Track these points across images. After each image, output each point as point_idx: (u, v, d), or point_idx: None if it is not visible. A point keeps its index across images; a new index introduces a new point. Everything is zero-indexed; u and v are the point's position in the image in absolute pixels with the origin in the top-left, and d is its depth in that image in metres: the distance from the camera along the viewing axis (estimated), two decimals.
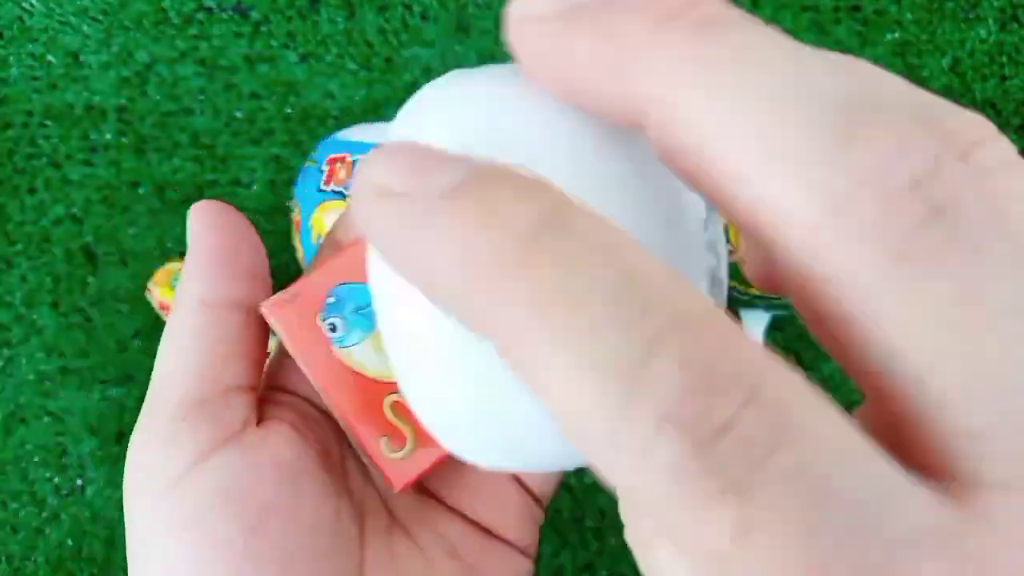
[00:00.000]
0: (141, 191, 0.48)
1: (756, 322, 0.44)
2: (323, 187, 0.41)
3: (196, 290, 0.21)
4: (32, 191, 0.48)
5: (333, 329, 0.20)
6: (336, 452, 0.22)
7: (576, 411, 0.10)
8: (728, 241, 0.41)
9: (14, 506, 0.46)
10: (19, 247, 0.48)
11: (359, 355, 0.20)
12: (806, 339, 0.46)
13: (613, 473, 0.10)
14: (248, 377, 0.21)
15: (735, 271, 0.40)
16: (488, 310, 0.10)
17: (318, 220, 0.41)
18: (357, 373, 0.20)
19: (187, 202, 0.48)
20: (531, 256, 0.10)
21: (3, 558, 0.46)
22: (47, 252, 0.48)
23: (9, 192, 0.48)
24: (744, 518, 0.09)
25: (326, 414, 0.22)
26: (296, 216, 0.42)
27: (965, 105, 0.11)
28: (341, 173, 0.40)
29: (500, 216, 0.10)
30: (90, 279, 0.48)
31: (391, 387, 0.20)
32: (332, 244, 0.23)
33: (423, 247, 0.11)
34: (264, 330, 0.21)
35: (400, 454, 0.20)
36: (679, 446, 0.09)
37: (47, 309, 0.48)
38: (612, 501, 0.48)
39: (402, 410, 0.20)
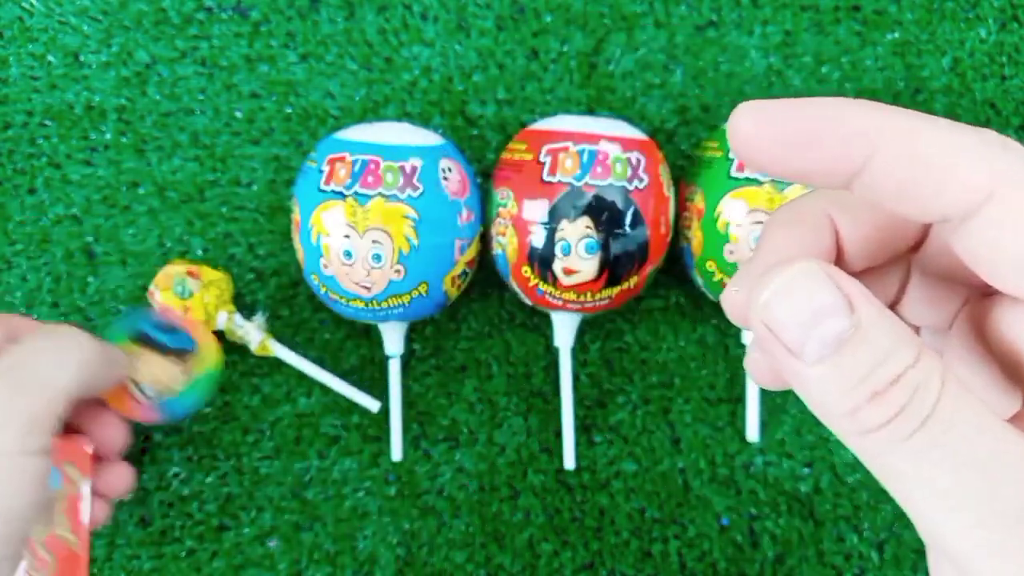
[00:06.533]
0: (141, 191, 0.48)
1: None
2: (323, 187, 0.41)
3: None
4: (32, 191, 0.48)
5: None
6: None
7: None
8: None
9: None
10: (19, 247, 0.48)
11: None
12: None
13: None
14: None
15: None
16: None
17: (318, 220, 0.41)
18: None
19: (187, 202, 0.48)
20: None
21: None
22: (47, 252, 0.48)
23: (9, 192, 0.48)
24: None
25: None
26: (296, 216, 0.42)
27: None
28: (341, 173, 0.40)
29: None
30: (90, 279, 0.48)
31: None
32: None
33: None
34: None
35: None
36: None
37: (47, 309, 0.48)
38: (612, 501, 0.48)
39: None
